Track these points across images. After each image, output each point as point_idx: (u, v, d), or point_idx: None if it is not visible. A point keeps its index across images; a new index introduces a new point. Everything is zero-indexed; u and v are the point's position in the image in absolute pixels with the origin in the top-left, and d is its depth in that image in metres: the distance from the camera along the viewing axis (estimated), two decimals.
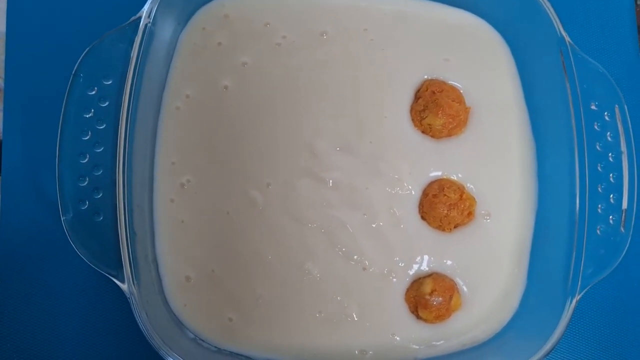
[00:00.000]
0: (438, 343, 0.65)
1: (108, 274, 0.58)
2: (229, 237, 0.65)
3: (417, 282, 0.64)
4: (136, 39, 0.60)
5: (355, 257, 0.64)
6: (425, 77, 0.68)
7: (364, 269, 0.64)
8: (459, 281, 0.65)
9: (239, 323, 0.63)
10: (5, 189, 0.69)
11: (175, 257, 0.64)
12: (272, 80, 0.67)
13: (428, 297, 0.62)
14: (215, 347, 0.63)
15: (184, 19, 0.68)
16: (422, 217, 0.66)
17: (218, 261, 0.64)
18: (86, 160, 0.59)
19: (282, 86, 0.67)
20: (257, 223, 0.65)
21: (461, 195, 0.64)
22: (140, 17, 0.60)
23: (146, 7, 0.61)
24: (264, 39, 0.68)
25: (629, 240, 0.59)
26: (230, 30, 0.68)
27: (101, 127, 0.60)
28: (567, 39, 0.62)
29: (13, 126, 0.71)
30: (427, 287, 0.63)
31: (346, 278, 0.64)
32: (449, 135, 0.66)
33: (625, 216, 0.60)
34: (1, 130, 0.71)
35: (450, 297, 0.63)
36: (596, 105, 0.62)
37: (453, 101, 0.65)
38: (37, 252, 0.68)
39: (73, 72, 0.59)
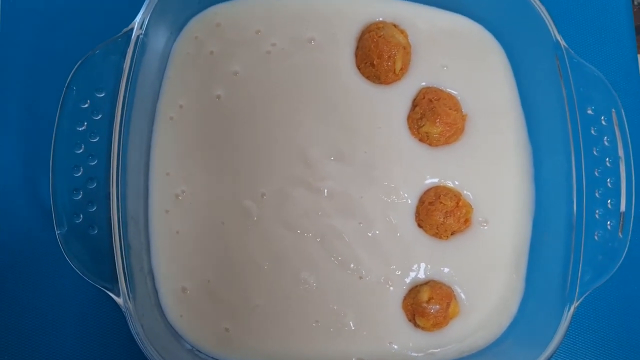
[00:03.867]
0: (436, 351, 0.64)
1: (103, 288, 0.58)
2: (225, 247, 0.64)
3: (414, 290, 0.64)
4: (128, 50, 0.60)
5: (352, 265, 0.64)
6: (423, 84, 0.67)
7: (361, 277, 0.64)
8: (457, 288, 0.65)
9: (235, 333, 0.63)
10: None
11: (170, 269, 0.64)
12: (263, 89, 0.67)
13: (425, 305, 0.62)
14: (213, 357, 0.63)
15: (177, 29, 0.68)
16: (419, 225, 0.65)
17: (214, 271, 0.64)
18: (80, 173, 0.59)
19: (272, 95, 0.66)
20: (252, 233, 0.64)
21: (457, 203, 0.64)
22: (132, 29, 0.60)
23: (138, 18, 0.60)
24: (254, 46, 0.67)
25: (627, 245, 0.59)
26: (222, 38, 0.68)
27: (94, 140, 0.60)
28: (563, 43, 0.62)
29: (5, 139, 0.70)
30: (425, 294, 0.62)
31: (342, 287, 0.64)
32: (446, 143, 0.66)
33: (623, 221, 0.59)
34: None
35: (448, 305, 0.63)
36: (592, 110, 0.62)
37: (450, 109, 0.65)
38: (32, 264, 0.68)
39: (66, 86, 0.59)
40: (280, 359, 0.63)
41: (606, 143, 0.61)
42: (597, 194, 0.61)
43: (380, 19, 0.68)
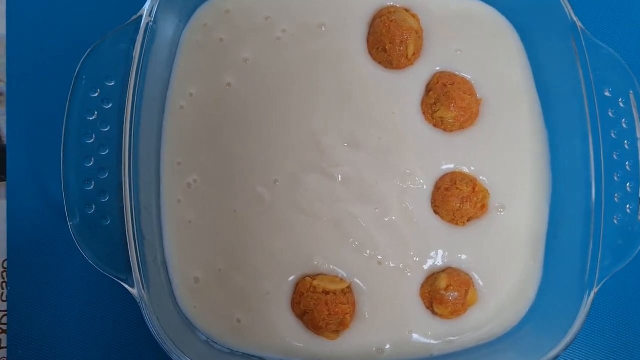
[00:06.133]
0: (454, 339, 0.64)
1: (117, 279, 0.57)
2: (236, 235, 0.64)
3: (432, 277, 0.63)
4: (138, 38, 0.59)
5: (369, 251, 0.63)
6: (437, 69, 0.66)
7: (379, 263, 0.63)
8: (475, 275, 0.64)
9: (247, 323, 0.62)
10: (11, 194, 0.69)
11: (183, 259, 0.64)
12: (274, 76, 0.66)
13: (443, 293, 0.61)
14: (228, 348, 0.62)
15: (186, 16, 0.67)
16: (435, 211, 0.65)
17: (225, 260, 0.63)
18: (91, 163, 0.59)
19: (284, 81, 0.66)
20: (265, 219, 0.64)
21: (474, 188, 0.63)
22: (141, 16, 0.59)
23: (147, 5, 0.60)
24: (264, 33, 0.67)
25: None
26: (232, 25, 0.67)
27: (105, 130, 0.59)
28: (579, 24, 0.61)
29: (17, 130, 0.70)
30: (442, 282, 0.62)
31: (360, 272, 0.63)
32: (461, 128, 0.65)
33: None
34: (5, 134, 0.70)
35: (466, 292, 0.62)
36: (610, 92, 0.61)
37: (465, 94, 0.64)
38: (45, 256, 0.67)
39: (75, 75, 0.58)
40: (296, 349, 0.62)
41: (624, 125, 0.60)
42: (615, 178, 0.60)
43: (392, 3, 0.67)
